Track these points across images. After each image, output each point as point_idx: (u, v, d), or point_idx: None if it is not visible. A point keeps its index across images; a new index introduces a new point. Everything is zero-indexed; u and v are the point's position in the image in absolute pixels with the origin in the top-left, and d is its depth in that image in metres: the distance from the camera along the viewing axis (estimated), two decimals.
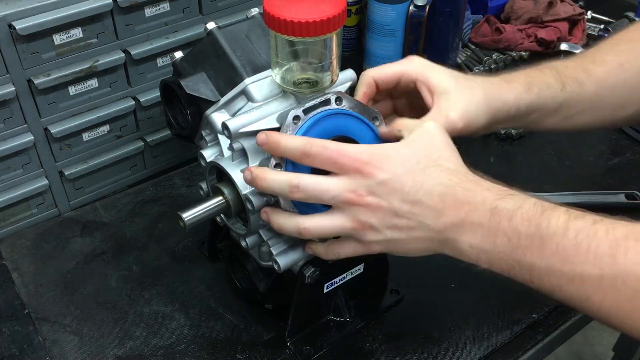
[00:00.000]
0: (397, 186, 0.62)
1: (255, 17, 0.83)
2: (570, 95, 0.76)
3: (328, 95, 0.69)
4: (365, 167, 0.62)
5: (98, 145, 1.03)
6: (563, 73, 0.77)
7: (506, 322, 0.88)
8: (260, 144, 0.66)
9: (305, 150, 0.63)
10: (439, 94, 0.71)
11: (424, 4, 1.24)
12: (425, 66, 0.73)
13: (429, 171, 0.63)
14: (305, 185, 0.63)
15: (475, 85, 0.72)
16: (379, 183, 0.62)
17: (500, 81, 0.74)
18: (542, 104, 0.75)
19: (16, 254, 0.97)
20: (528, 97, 0.74)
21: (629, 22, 1.51)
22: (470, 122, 0.70)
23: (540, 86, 0.75)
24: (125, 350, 0.84)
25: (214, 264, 0.95)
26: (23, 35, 0.86)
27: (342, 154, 0.63)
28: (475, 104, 0.71)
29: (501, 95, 0.73)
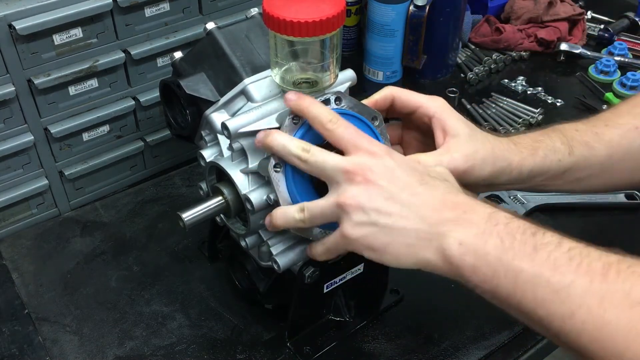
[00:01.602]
0: (402, 176, 0.62)
1: (254, 17, 0.83)
2: (578, 159, 0.75)
3: (327, 95, 0.69)
4: (379, 150, 0.63)
5: (98, 145, 1.03)
6: (571, 136, 0.76)
7: (506, 322, 0.88)
8: (288, 99, 0.66)
9: (332, 119, 0.64)
10: (451, 136, 0.72)
11: (424, 4, 1.24)
12: (446, 108, 0.74)
13: (435, 180, 0.63)
14: (315, 150, 0.64)
15: (486, 139, 0.73)
16: (385, 166, 0.62)
17: (509, 142, 0.74)
18: (547, 168, 0.74)
19: (16, 254, 0.97)
20: (532, 160, 0.73)
21: (629, 22, 1.51)
22: (473, 169, 0.70)
23: (546, 150, 0.74)
24: (125, 350, 0.84)
25: (214, 264, 0.95)
26: (23, 35, 0.86)
27: (362, 135, 0.64)
28: (482, 154, 0.71)
29: (507, 155, 0.72)
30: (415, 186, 0.62)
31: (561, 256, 0.55)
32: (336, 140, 0.64)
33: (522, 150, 0.73)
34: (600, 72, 1.36)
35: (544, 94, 1.33)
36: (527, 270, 0.55)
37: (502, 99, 1.30)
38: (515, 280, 0.56)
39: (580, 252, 0.55)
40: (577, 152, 0.75)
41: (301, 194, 0.67)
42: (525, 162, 0.73)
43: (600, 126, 0.77)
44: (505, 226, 0.58)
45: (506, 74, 1.40)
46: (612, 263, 0.53)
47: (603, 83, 1.35)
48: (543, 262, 0.55)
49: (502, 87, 1.36)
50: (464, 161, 0.70)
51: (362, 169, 0.62)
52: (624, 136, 0.76)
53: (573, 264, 0.54)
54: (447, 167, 0.69)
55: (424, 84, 1.37)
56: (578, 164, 0.75)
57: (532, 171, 0.74)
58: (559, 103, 1.30)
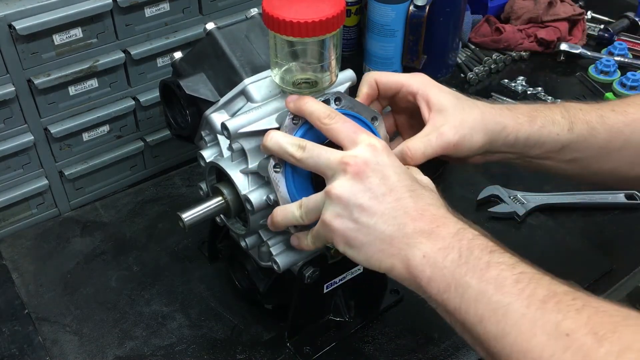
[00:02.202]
0: (393, 177, 0.62)
1: (254, 18, 0.83)
2: (577, 137, 0.73)
3: (327, 96, 0.69)
4: (377, 145, 0.63)
5: (98, 145, 1.03)
6: (574, 114, 0.74)
7: None
8: (288, 102, 0.67)
9: (329, 114, 0.65)
10: (436, 111, 0.71)
11: (424, 4, 1.24)
12: (427, 82, 0.73)
13: (423, 189, 0.63)
14: (310, 146, 0.64)
15: (474, 105, 0.72)
16: (380, 163, 0.62)
17: (502, 107, 0.73)
18: (545, 140, 0.73)
19: (16, 254, 0.97)
20: (529, 128, 0.72)
21: (629, 22, 1.51)
22: (464, 139, 0.70)
23: (545, 121, 0.73)
24: (125, 350, 0.84)
25: (214, 264, 0.95)
26: (23, 35, 0.86)
27: (360, 129, 0.64)
28: (471, 121, 0.70)
29: (500, 118, 0.71)
30: (402, 191, 0.62)
31: (509, 277, 0.55)
32: (334, 135, 0.64)
33: (519, 116, 0.72)
34: (600, 72, 1.36)
35: (544, 94, 1.33)
36: (474, 286, 0.56)
37: (502, 99, 1.30)
38: (463, 294, 0.56)
39: (531, 278, 0.55)
40: (576, 130, 0.74)
41: (301, 194, 0.67)
42: (521, 128, 0.72)
43: (606, 110, 0.76)
44: (468, 242, 0.59)
45: (506, 74, 1.40)
46: (557, 293, 0.54)
47: (603, 83, 1.35)
48: (490, 280, 0.55)
49: (502, 87, 1.36)
50: (452, 133, 0.69)
51: (356, 161, 0.62)
52: (628, 124, 0.75)
53: (518, 287, 0.54)
54: (437, 144, 0.69)
55: None
56: (577, 142, 0.74)
57: (528, 139, 0.72)
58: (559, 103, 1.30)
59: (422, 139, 0.70)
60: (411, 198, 0.61)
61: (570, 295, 0.53)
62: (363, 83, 0.75)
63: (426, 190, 0.63)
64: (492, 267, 0.56)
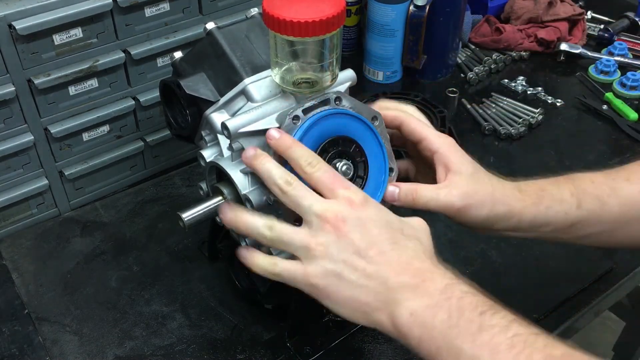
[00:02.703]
0: (374, 231, 0.61)
1: (254, 17, 0.83)
2: (588, 213, 0.71)
3: (327, 95, 0.69)
4: (356, 199, 0.62)
5: (98, 145, 1.03)
6: (584, 189, 0.72)
7: None
8: (269, 137, 0.66)
9: (311, 162, 0.63)
10: (453, 172, 0.71)
11: (424, 4, 1.24)
12: (452, 145, 0.72)
13: (407, 238, 0.62)
14: (298, 185, 0.63)
15: (488, 180, 0.71)
16: (359, 218, 0.61)
17: (513, 188, 0.72)
18: (551, 219, 0.71)
19: (16, 254, 0.97)
20: (535, 209, 0.70)
21: (629, 22, 1.51)
22: (469, 208, 0.69)
23: (552, 201, 0.71)
24: (125, 350, 0.84)
25: (214, 264, 0.95)
26: (23, 35, 0.86)
27: (340, 181, 0.63)
28: (481, 195, 0.69)
29: (508, 200, 0.70)
30: (384, 244, 0.61)
31: (504, 342, 0.54)
32: (314, 184, 0.63)
33: (526, 198, 0.71)
34: (600, 72, 1.36)
35: (544, 94, 1.33)
36: (466, 351, 0.55)
37: (502, 99, 1.30)
38: (456, 359, 0.56)
39: (525, 340, 0.54)
40: (586, 206, 0.72)
41: None
42: (526, 211, 0.70)
43: (620, 180, 0.74)
44: (457, 300, 0.57)
45: (506, 74, 1.40)
46: (554, 356, 0.53)
47: (603, 83, 1.35)
48: (484, 344, 0.54)
49: (502, 87, 1.36)
50: (460, 199, 0.69)
51: (335, 218, 0.61)
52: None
53: (513, 352, 0.53)
54: (443, 202, 0.69)
55: (424, 84, 1.37)
56: (588, 218, 0.72)
57: (534, 221, 0.71)
58: (559, 103, 1.30)
59: (432, 191, 0.70)
60: (393, 251, 0.61)
61: (567, 359, 0.53)
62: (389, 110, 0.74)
63: (410, 240, 0.62)
64: (484, 331, 0.55)
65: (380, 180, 0.72)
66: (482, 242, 0.99)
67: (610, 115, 1.26)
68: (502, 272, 0.95)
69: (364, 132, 0.70)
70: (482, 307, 0.57)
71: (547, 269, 0.96)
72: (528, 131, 1.23)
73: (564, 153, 1.18)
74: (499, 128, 1.22)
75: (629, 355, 1.68)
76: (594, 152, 1.18)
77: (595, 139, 1.22)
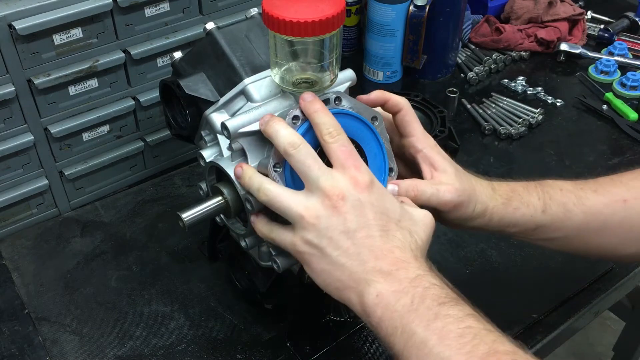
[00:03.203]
0: (369, 215, 0.63)
1: (254, 17, 0.83)
2: (552, 218, 0.74)
3: (327, 95, 0.69)
4: (362, 180, 0.63)
5: (98, 145, 1.03)
6: (552, 195, 0.75)
7: (506, 322, 0.87)
8: (303, 98, 0.66)
9: (332, 131, 0.64)
10: (440, 171, 0.73)
11: (424, 4, 1.24)
12: (434, 145, 0.75)
13: (399, 228, 0.63)
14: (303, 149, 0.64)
15: (471, 180, 0.74)
16: (359, 200, 0.62)
17: (488, 186, 0.75)
18: (518, 220, 0.74)
19: (16, 254, 0.97)
20: (503, 210, 0.74)
21: (629, 22, 1.51)
22: (461, 205, 0.72)
23: (520, 203, 0.74)
24: (125, 350, 0.84)
25: (214, 264, 0.95)
26: (23, 35, 0.86)
27: (353, 157, 0.64)
28: (469, 193, 0.72)
29: (485, 199, 0.73)
30: (373, 230, 0.62)
31: (455, 330, 0.56)
32: (328, 153, 0.65)
33: (497, 198, 0.74)
34: (600, 72, 1.36)
35: (544, 94, 1.33)
36: (419, 334, 0.57)
37: (502, 99, 1.30)
38: (407, 340, 0.57)
39: (476, 333, 0.56)
40: (550, 212, 0.75)
41: None
42: (496, 210, 0.74)
43: (588, 190, 0.76)
44: (423, 289, 0.59)
45: (506, 74, 1.40)
46: (498, 351, 0.54)
47: (603, 83, 1.35)
48: (435, 330, 0.56)
49: (502, 87, 1.36)
50: (457, 195, 0.71)
51: (335, 194, 0.62)
52: (608, 206, 0.75)
53: (460, 341, 0.55)
54: (443, 198, 0.71)
55: (424, 84, 1.37)
56: (552, 223, 0.75)
57: (502, 220, 0.74)
58: (559, 103, 1.30)
59: (431, 187, 0.71)
60: (381, 237, 0.62)
61: (510, 356, 0.54)
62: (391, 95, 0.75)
63: (401, 231, 0.63)
64: (439, 318, 0.57)
65: (381, 179, 0.72)
66: (482, 242, 0.99)
67: (610, 115, 1.26)
68: (502, 272, 0.95)
69: (364, 132, 0.70)
70: (444, 299, 0.59)
71: (547, 269, 0.96)
72: (528, 131, 1.23)
73: (564, 153, 1.18)
74: (499, 128, 1.22)
75: (629, 355, 1.68)
76: (594, 152, 1.18)
77: (595, 139, 1.22)
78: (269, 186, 0.65)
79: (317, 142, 0.67)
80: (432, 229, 0.67)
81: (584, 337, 2.10)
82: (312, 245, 0.63)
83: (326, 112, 0.66)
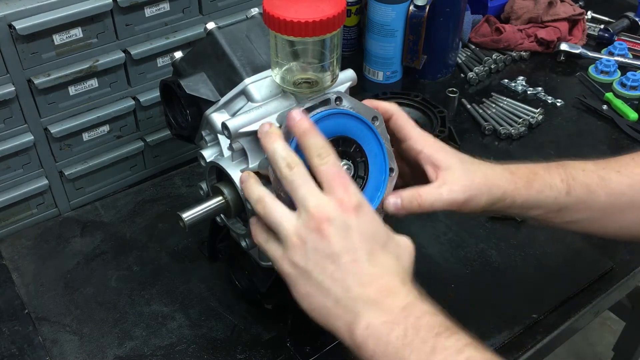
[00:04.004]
0: (355, 239, 0.61)
1: (255, 17, 0.83)
2: (576, 200, 0.73)
3: (328, 95, 0.69)
4: (348, 202, 0.61)
5: (98, 145, 1.03)
6: (574, 176, 0.74)
7: (506, 322, 0.88)
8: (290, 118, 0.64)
9: (321, 153, 0.63)
10: (444, 169, 0.71)
11: (424, 4, 1.24)
12: (434, 143, 0.73)
13: (386, 253, 0.62)
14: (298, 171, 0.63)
15: (478, 168, 0.72)
16: (345, 223, 0.61)
17: (503, 170, 0.73)
18: (542, 203, 0.73)
19: (16, 254, 0.97)
20: (526, 192, 0.72)
21: (629, 22, 1.51)
22: (471, 199, 0.70)
23: (542, 185, 0.73)
24: (125, 350, 0.84)
25: (214, 264, 0.95)
26: (23, 35, 0.86)
27: (340, 179, 0.62)
28: (477, 184, 0.70)
29: (501, 183, 0.72)
30: (360, 254, 0.60)
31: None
32: (317, 175, 0.63)
33: (517, 181, 0.72)
34: (600, 72, 1.36)
35: (544, 94, 1.33)
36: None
37: (502, 99, 1.30)
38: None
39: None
40: (574, 193, 0.73)
41: None
42: (517, 193, 0.72)
43: (610, 170, 0.75)
44: (416, 319, 0.57)
45: (506, 74, 1.40)
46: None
47: (603, 83, 1.35)
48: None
49: (502, 87, 1.36)
50: (462, 192, 0.70)
51: (321, 217, 0.60)
52: (632, 186, 0.74)
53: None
54: (447, 199, 0.70)
55: (424, 84, 1.37)
56: (576, 205, 0.74)
57: (525, 203, 0.73)
58: (559, 103, 1.30)
59: (434, 191, 0.70)
60: (368, 262, 0.60)
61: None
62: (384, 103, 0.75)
63: (388, 256, 0.62)
64: (436, 353, 0.55)
65: (381, 179, 0.72)
66: (482, 242, 0.99)
67: (610, 115, 1.26)
68: (502, 272, 0.95)
69: (364, 132, 0.70)
70: (438, 328, 0.57)
71: (547, 269, 0.96)
72: (528, 131, 1.23)
73: (564, 153, 1.18)
74: (499, 128, 1.22)
75: (629, 355, 1.69)
76: (594, 152, 1.18)
77: (595, 139, 1.22)
78: (267, 200, 0.64)
79: None
80: (413, 255, 0.65)
81: (584, 337, 2.10)
82: (297, 267, 0.61)
83: (314, 132, 0.64)
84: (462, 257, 0.97)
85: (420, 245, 0.93)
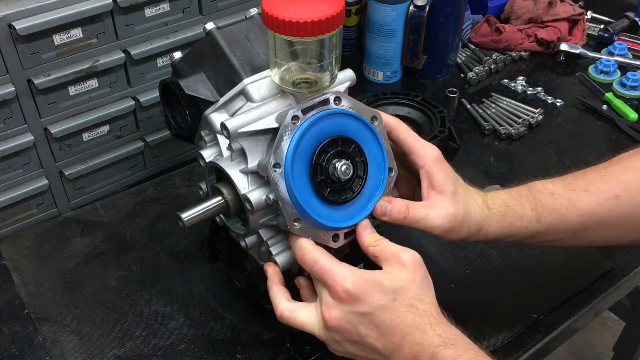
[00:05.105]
0: (372, 320, 0.65)
1: (254, 17, 0.83)
2: (547, 226, 0.75)
3: (327, 95, 0.69)
4: (347, 295, 0.65)
5: (98, 145, 1.03)
6: (543, 203, 0.75)
7: (506, 322, 0.88)
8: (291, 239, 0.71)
9: (299, 256, 0.69)
10: (437, 192, 0.73)
11: (424, 4, 1.24)
12: (437, 160, 0.74)
13: (401, 310, 0.65)
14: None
15: (466, 200, 0.74)
16: (355, 313, 0.66)
17: (483, 205, 0.75)
18: (513, 233, 0.76)
19: (16, 254, 0.97)
20: (499, 227, 0.75)
21: (629, 22, 1.51)
22: (452, 230, 0.72)
23: (514, 218, 0.75)
24: (125, 350, 0.84)
25: (214, 264, 0.95)
26: (23, 35, 0.86)
27: (328, 274, 0.67)
28: (461, 218, 0.72)
29: (479, 221, 0.74)
30: (381, 328, 0.65)
31: None
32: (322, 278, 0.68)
33: (492, 216, 0.75)
34: (600, 72, 1.36)
35: (544, 94, 1.33)
36: None
37: (502, 99, 1.30)
38: None
39: None
40: (545, 220, 0.75)
41: (300, 193, 0.67)
42: (492, 229, 0.74)
43: (579, 191, 0.76)
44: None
45: (506, 74, 1.40)
46: None
47: (603, 83, 1.35)
48: None
49: (502, 87, 1.36)
50: (447, 222, 0.72)
51: (333, 317, 0.67)
52: (602, 204, 0.75)
53: None
54: (431, 224, 0.71)
55: (424, 84, 1.37)
56: (547, 230, 0.76)
57: (498, 235, 0.75)
58: (559, 103, 1.30)
59: (422, 212, 0.72)
60: (390, 330, 0.65)
61: None
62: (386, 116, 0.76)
63: (406, 308, 0.66)
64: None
65: (380, 179, 0.72)
66: (482, 242, 0.99)
67: (610, 115, 1.26)
68: (502, 272, 0.95)
69: (364, 132, 0.70)
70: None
71: (547, 269, 0.96)
72: (528, 131, 1.23)
73: (564, 153, 1.18)
74: (499, 128, 1.22)
75: (629, 355, 1.69)
76: (594, 152, 1.18)
77: (595, 139, 1.22)
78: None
79: (316, 142, 0.67)
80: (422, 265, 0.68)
81: (584, 337, 2.10)
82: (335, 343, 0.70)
83: (307, 243, 0.69)
84: (462, 257, 0.97)
85: (420, 245, 0.93)
